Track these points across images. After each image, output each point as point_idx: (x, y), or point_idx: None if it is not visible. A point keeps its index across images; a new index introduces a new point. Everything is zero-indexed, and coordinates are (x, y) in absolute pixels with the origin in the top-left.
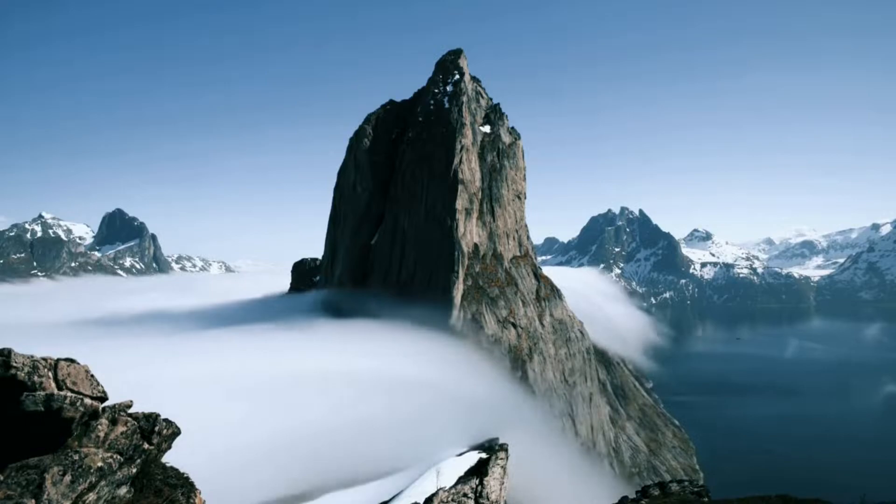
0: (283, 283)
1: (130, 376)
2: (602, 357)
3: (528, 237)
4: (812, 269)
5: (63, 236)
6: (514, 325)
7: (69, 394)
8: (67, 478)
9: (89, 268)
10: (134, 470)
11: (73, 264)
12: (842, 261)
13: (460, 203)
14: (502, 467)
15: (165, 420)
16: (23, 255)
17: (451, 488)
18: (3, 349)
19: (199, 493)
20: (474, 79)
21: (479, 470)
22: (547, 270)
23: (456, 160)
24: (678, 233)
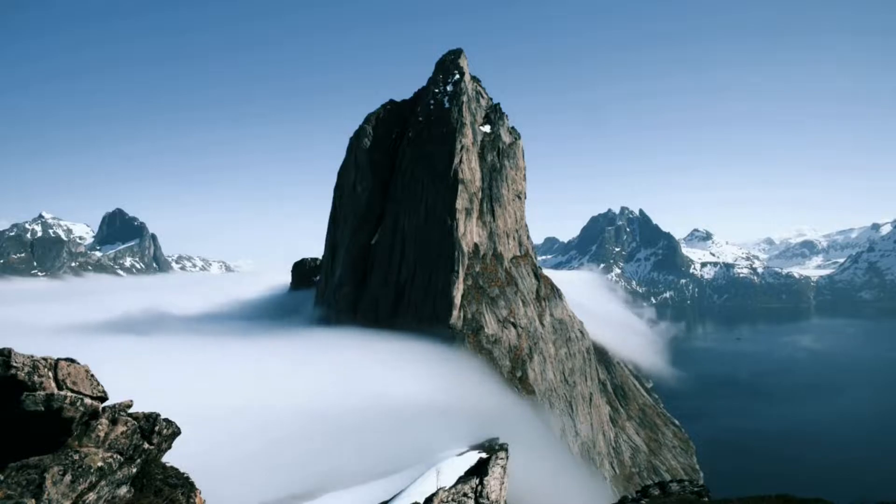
0: (284, 282)
1: (130, 376)
2: (602, 357)
3: (528, 237)
4: (812, 269)
5: (63, 236)
6: (514, 325)
7: (69, 394)
8: (67, 477)
9: (89, 267)
10: (134, 470)
11: (73, 264)
12: (842, 261)
13: (460, 203)
14: (502, 467)
15: (165, 420)
16: (23, 255)
17: (451, 488)
18: (4, 349)
19: (199, 492)
20: (474, 78)
21: (480, 470)
22: (546, 271)
23: (456, 160)
24: (678, 233)
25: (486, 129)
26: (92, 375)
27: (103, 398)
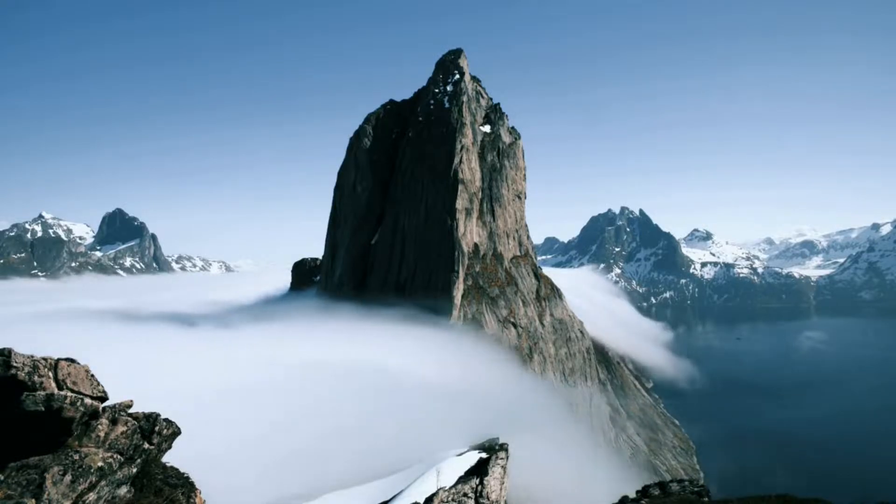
0: (284, 282)
1: (129, 374)
2: (602, 357)
3: (528, 237)
4: (812, 269)
5: (63, 236)
6: (515, 325)
7: (69, 394)
8: (68, 477)
9: (89, 268)
10: (134, 470)
11: (73, 264)
12: (842, 261)
13: (460, 203)
14: (502, 467)
15: (166, 420)
16: (23, 255)
17: (451, 488)
18: (4, 349)
19: (199, 492)
20: (474, 79)
21: (480, 470)
22: (546, 271)
23: (456, 160)
24: (678, 232)
25: (486, 129)
26: (92, 375)
27: (103, 398)
